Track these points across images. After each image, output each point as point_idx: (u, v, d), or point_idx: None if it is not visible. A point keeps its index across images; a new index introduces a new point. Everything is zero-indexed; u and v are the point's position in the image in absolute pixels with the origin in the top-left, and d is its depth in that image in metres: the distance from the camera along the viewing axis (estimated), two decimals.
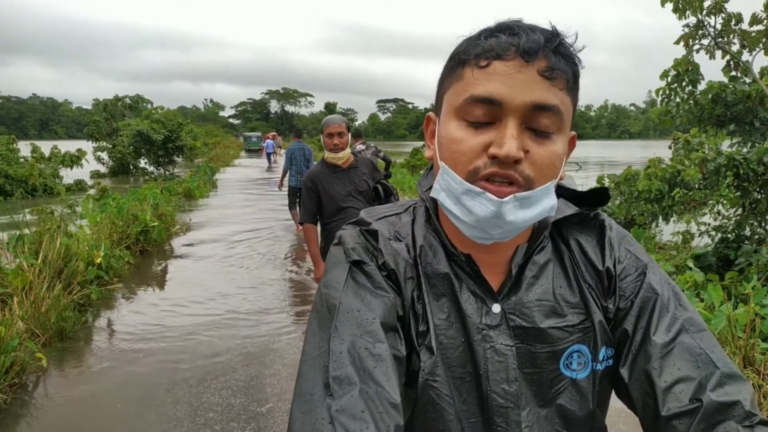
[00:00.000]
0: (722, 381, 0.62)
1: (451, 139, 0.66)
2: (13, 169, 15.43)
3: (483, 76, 0.63)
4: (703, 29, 6.29)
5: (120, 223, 7.15)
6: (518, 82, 0.61)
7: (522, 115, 0.62)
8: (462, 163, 0.65)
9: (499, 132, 0.62)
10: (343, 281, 0.69)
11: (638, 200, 6.86)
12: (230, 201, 13.72)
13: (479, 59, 0.64)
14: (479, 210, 0.63)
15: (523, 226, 0.66)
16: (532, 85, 0.61)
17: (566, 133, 0.67)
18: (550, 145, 0.64)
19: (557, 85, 0.63)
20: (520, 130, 0.62)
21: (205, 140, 32.10)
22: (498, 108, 0.62)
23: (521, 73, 0.61)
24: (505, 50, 0.62)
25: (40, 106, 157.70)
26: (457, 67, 0.67)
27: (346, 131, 3.20)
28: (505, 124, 0.62)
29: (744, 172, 5.38)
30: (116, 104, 24.17)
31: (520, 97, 0.61)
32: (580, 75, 0.66)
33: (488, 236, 0.67)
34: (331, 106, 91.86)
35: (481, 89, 0.63)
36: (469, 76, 0.65)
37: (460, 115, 0.65)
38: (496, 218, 0.63)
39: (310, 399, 0.59)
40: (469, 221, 0.65)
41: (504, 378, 0.69)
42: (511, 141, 0.61)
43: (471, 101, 0.64)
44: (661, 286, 0.71)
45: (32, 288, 4.44)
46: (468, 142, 0.64)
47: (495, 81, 0.62)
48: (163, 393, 3.43)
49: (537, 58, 0.61)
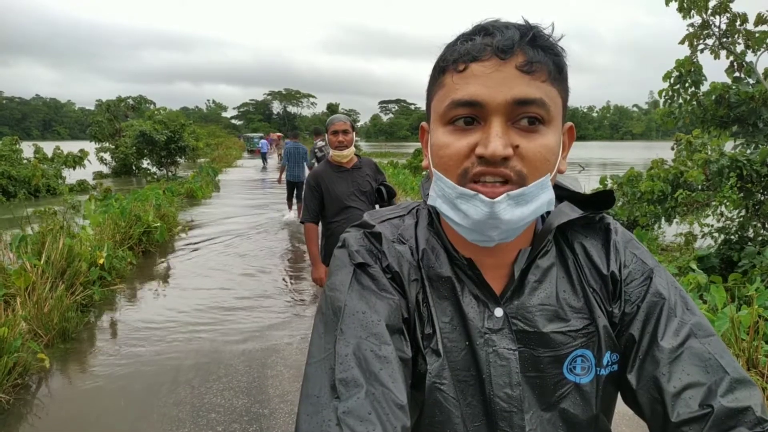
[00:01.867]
0: (732, 386, 0.61)
1: (439, 145, 0.67)
2: (16, 169, 15.47)
3: (462, 80, 0.64)
4: (707, 29, 6.27)
5: (122, 224, 7.17)
6: (496, 81, 0.62)
7: (505, 113, 0.62)
8: (451, 167, 0.65)
9: (484, 132, 0.63)
10: (347, 284, 0.69)
11: (641, 201, 6.85)
12: (232, 201, 13.73)
13: (457, 64, 0.64)
14: (474, 212, 0.63)
15: (522, 224, 0.65)
16: (511, 81, 0.62)
17: (557, 125, 0.66)
18: (539, 139, 0.63)
19: (538, 77, 0.62)
20: (506, 128, 0.62)
21: (207, 141, 32.14)
22: (480, 109, 0.63)
23: (499, 71, 0.62)
24: (481, 51, 0.63)
25: (43, 107, 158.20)
26: (438, 75, 0.69)
27: (351, 129, 3.21)
28: (490, 124, 0.62)
29: (747, 173, 5.36)
30: (119, 105, 24.21)
31: (500, 96, 0.61)
32: (564, 65, 0.66)
33: (488, 238, 0.66)
34: (333, 107, 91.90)
35: (461, 93, 0.63)
36: (449, 83, 0.66)
37: (446, 121, 0.66)
38: (492, 219, 0.63)
39: (317, 401, 0.59)
40: (467, 224, 0.65)
41: (507, 382, 0.69)
42: (496, 139, 0.61)
43: (453, 106, 0.64)
44: (668, 290, 0.70)
45: (35, 288, 4.45)
46: (455, 145, 0.64)
47: (474, 83, 0.63)
48: (165, 393, 3.44)
49: (513, 54, 0.62)
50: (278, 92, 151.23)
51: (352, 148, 3.23)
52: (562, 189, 0.79)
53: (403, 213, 0.81)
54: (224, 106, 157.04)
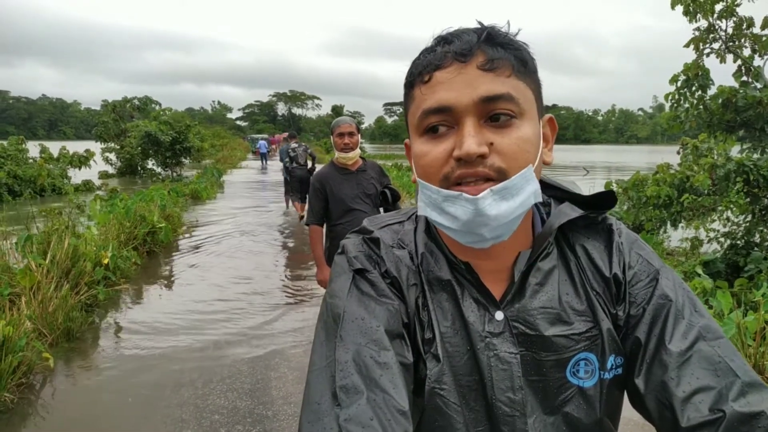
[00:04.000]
0: (744, 390, 0.60)
1: (419, 155, 0.68)
2: (22, 169, 15.54)
3: (429, 89, 0.65)
4: (714, 33, 6.25)
5: (127, 224, 7.19)
6: (461, 83, 0.63)
7: (475, 113, 0.63)
8: (432, 173, 0.66)
9: (458, 135, 0.63)
10: (346, 290, 0.70)
11: (646, 206, 6.84)
12: (236, 202, 13.78)
13: (422, 75, 0.66)
14: (461, 213, 0.63)
15: (511, 219, 0.65)
16: (475, 81, 0.63)
17: (531, 117, 0.66)
18: (514, 132, 0.63)
19: (502, 73, 0.63)
20: (479, 127, 0.63)
21: (212, 142, 32.23)
22: (450, 113, 0.64)
23: (461, 74, 0.63)
24: (442, 59, 0.64)
25: (49, 107, 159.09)
26: (408, 90, 0.71)
27: (356, 132, 3.20)
28: (462, 125, 0.63)
29: (754, 178, 5.33)
30: (125, 105, 24.30)
31: (466, 97, 0.62)
32: (529, 58, 0.67)
33: (480, 238, 0.66)
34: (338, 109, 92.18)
35: (429, 102, 0.65)
36: (418, 94, 0.67)
37: (421, 131, 0.67)
38: (479, 216, 0.63)
39: (318, 409, 0.59)
40: (456, 227, 0.65)
41: (509, 386, 0.68)
42: (469, 138, 0.61)
43: (425, 115, 0.66)
44: (675, 291, 0.69)
45: (40, 288, 4.47)
46: (432, 152, 0.65)
47: (439, 90, 0.64)
48: (169, 394, 3.44)
49: (473, 55, 0.63)
50: (283, 94, 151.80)
51: (358, 150, 3.22)
52: (563, 191, 0.79)
53: (403, 219, 0.81)
54: (229, 107, 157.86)
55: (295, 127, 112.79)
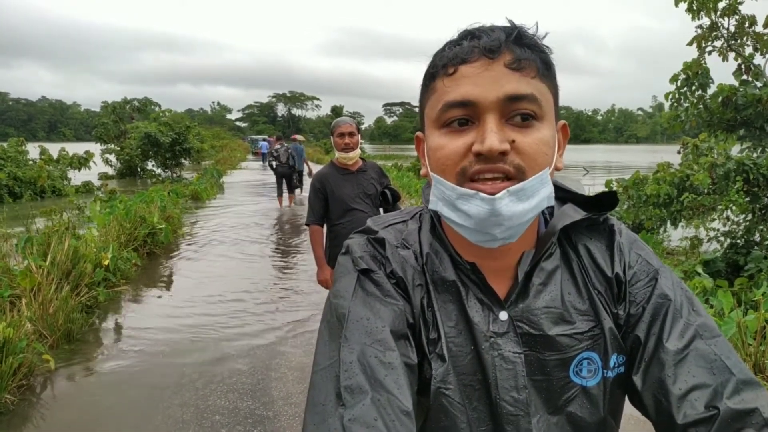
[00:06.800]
0: (738, 388, 0.61)
1: (435, 148, 0.67)
2: (21, 171, 15.53)
3: (453, 82, 0.65)
4: (716, 31, 6.26)
5: (127, 225, 7.19)
6: (487, 79, 0.63)
7: (499, 110, 0.63)
8: (449, 167, 0.65)
9: (479, 130, 0.63)
10: (351, 290, 0.69)
11: (646, 205, 6.84)
12: (236, 202, 13.79)
13: (447, 68, 0.65)
14: (476, 211, 0.63)
15: (524, 220, 0.65)
16: (502, 79, 0.62)
17: (550, 120, 0.66)
18: (534, 133, 0.64)
19: (528, 74, 0.63)
20: (501, 124, 0.63)
21: (212, 143, 32.20)
22: (474, 108, 0.63)
23: (488, 70, 0.63)
24: (469, 53, 0.64)
25: (49, 109, 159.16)
26: (429, 81, 0.70)
27: (357, 132, 3.20)
28: (484, 121, 0.63)
29: (754, 177, 5.34)
30: (124, 107, 24.28)
31: (492, 93, 0.62)
32: (552, 62, 0.67)
33: (491, 237, 0.66)
34: (337, 110, 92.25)
35: (453, 95, 0.64)
36: (440, 87, 0.66)
37: (440, 124, 0.67)
38: (494, 216, 0.63)
39: (323, 409, 0.59)
40: (469, 225, 0.65)
41: (513, 386, 0.68)
42: (492, 134, 0.61)
43: (446, 108, 0.65)
44: (674, 291, 0.70)
45: (40, 289, 4.46)
46: (451, 146, 0.65)
47: (465, 84, 0.64)
48: (169, 395, 3.44)
49: (501, 53, 0.63)
50: (282, 94, 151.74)
51: (358, 150, 3.22)
52: (565, 191, 0.79)
53: (407, 218, 0.81)
54: (229, 108, 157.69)
55: (294, 128, 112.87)
